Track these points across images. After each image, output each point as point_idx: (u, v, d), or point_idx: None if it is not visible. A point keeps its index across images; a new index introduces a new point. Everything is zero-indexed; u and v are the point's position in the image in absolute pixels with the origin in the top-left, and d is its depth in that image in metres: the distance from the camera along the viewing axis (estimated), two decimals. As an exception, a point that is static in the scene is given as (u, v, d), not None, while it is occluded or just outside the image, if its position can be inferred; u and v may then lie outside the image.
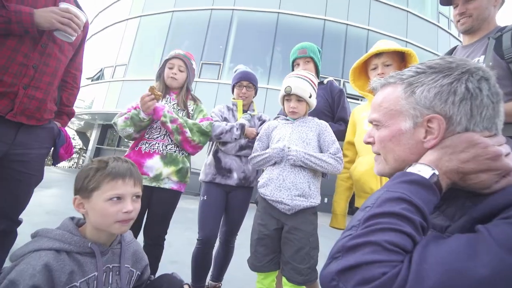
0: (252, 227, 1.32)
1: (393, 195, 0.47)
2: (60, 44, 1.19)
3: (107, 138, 12.96)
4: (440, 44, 10.42)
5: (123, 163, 0.81)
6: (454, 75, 0.52)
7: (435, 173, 0.49)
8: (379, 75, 1.32)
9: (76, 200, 0.78)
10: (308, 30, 9.23)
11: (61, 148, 1.31)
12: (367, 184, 1.25)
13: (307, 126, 1.36)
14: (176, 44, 9.97)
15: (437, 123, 0.53)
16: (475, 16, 1.27)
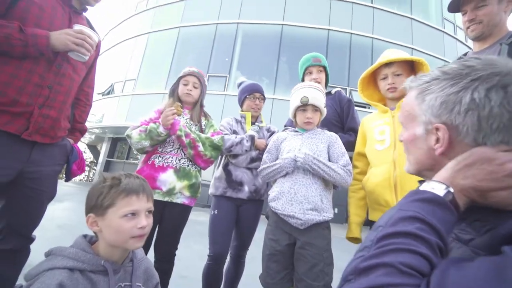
0: (264, 242, 1.29)
1: (406, 214, 0.45)
2: (74, 64, 1.23)
3: (116, 151, 13.18)
4: (447, 49, 10.34)
5: (135, 179, 0.82)
6: (463, 83, 0.50)
7: (449, 190, 0.47)
8: (390, 85, 1.30)
9: (90, 218, 0.78)
10: (313, 40, 9.33)
11: (74, 164, 1.32)
12: (382, 196, 1.21)
13: (317, 137, 1.35)
14: (183, 58, 10.23)
15: (443, 132, 0.52)
16: (485, 23, 1.25)
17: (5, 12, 1.02)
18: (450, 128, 0.51)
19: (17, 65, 1.04)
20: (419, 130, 0.57)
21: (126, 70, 11.35)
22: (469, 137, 0.49)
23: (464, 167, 0.48)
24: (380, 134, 1.32)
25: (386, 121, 1.33)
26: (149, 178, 1.41)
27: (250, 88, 1.82)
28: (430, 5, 10.83)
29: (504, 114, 0.46)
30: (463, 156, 0.50)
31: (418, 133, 0.57)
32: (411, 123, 0.59)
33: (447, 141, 0.51)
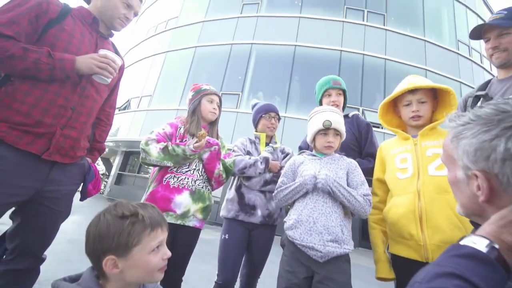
0: (279, 273, 1.22)
1: (444, 270, 0.41)
2: (97, 86, 1.26)
3: (128, 165, 13.42)
4: (462, 70, 10.21)
5: (153, 210, 0.78)
6: (496, 131, 0.47)
7: (494, 246, 0.43)
8: (414, 112, 1.26)
9: (109, 261, 0.70)
10: (325, 61, 9.46)
11: (90, 184, 1.33)
12: (405, 229, 1.13)
13: (336, 163, 1.30)
14: (198, 76, 10.57)
15: (481, 180, 0.48)
16: (510, 51, 1.22)
17: (38, 38, 1.08)
18: (490, 176, 0.48)
19: (44, 88, 1.07)
20: (460, 174, 0.54)
21: (143, 86, 11.81)
22: (511, 188, 0.45)
23: (509, 223, 0.44)
24: (401, 162, 1.27)
25: (408, 148, 1.27)
26: (164, 200, 1.38)
27: (265, 108, 1.82)
28: (444, 28, 10.87)
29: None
30: (507, 210, 0.46)
31: (460, 177, 0.54)
32: (452, 165, 0.56)
33: (488, 189, 0.48)
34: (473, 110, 0.54)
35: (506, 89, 1.24)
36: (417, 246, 1.09)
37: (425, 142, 1.23)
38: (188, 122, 1.56)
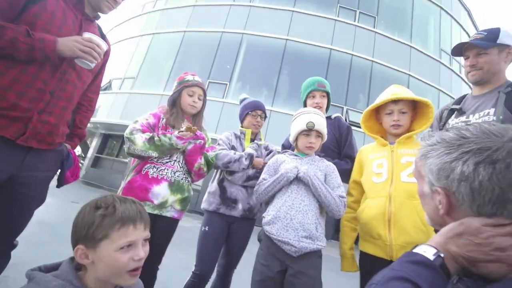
0: (254, 266, 1.27)
1: (397, 274, 0.48)
2: (79, 71, 1.22)
3: (107, 148, 12.94)
4: (442, 79, 10.70)
5: (131, 205, 0.74)
6: (456, 154, 0.53)
7: (440, 255, 0.49)
8: (395, 121, 1.33)
9: (79, 250, 0.70)
10: (315, 58, 9.53)
11: (68, 171, 1.29)
12: (375, 229, 1.22)
13: (316, 164, 1.36)
14: (185, 62, 10.27)
15: (442, 196, 0.54)
16: (485, 70, 1.31)
17: (17, 16, 1.02)
18: (449, 193, 0.54)
19: (21, 69, 1.02)
20: (426, 188, 0.59)
21: (126, 68, 11.30)
22: (465, 205, 0.52)
23: (454, 236, 0.51)
24: (378, 167, 1.35)
25: (385, 154, 1.35)
26: (141, 189, 1.37)
27: (252, 105, 1.83)
28: (429, 35, 11.26)
29: (494, 189, 0.48)
30: (454, 224, 0.52)
31: (426, 191, 0.60)
32: (420, 180, 0.62)
33: (447, 204, 0.54)
34: (439, 133, 0.60)
35: (478, 106, 1.34)
36: (384, 245, 1.18)
37: (401, 149, 1.32)
38: (168, 113, 1.54)
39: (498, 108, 1.23)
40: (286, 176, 1.26)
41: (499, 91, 1.27)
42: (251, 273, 1.28)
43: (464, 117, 1.38)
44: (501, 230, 0.48)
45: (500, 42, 1.29)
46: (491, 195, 0.49)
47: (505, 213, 0.49)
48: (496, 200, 0.49)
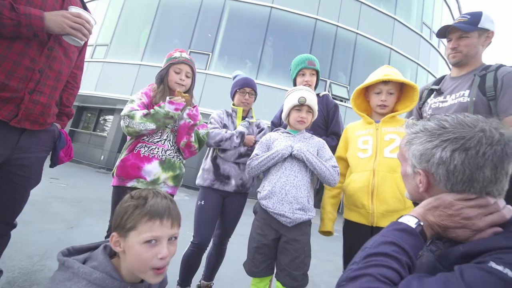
0: (250, 235, 1.39)
1: (386, 240, 0.59)
2: (66, 47, 1.15)
3: (82, 121, 12.26)
4: (421, 53, 10.95)
5: (162, 200, 0.75)
6: (436, 142, 0.63)
7: (420, 223, 0.62)
8: (382, 101, 1.42)
9: (113, 237, 0.73)
10: (300, 28, 9.25)
11: (61, 151, 1.28)
12: (359, 200, 1.36)
13: (307, 141, 1.44)
14: (163, 29, 9.56)
15: (422, 177, 0.65)
16: (464, 53, 1.41)
17: None
18: (429, 174, 0.65)
19: (6, 47, 0.95)
20: (409, 170, 0.70)
21: (97, 33, 10.33)
22: (441, 184, 0.63)
23: (432, 208, 0.63)
24: (363, 143, 1.46)
25: (370, 132, 1.46)
26: (133, 167, 1.40)
27: (241, 82, 1.83)
28: (413, 7, 11.22)
29: (465, 171, 0.59)
30: (432, 199, 0.64)
31: (408, 172, 0.70)
32: (404, 162, 0.72)
33: (426, 183, 0.65)
34: (422, 122, 0.69)
35: (455, 87, 1.46)
36: (366, 213, 1.33)
37: (385, 128, 1.42)
38: (156, 91, 1.53)
39: (472, 90, 1.35)
40: (280, 153, 1.34)
41: (475, 74, 1.38)
42: (244, 241, 1.39)
43: (442, 97, 1.49)
44: (469, 203, 0.59)
45: (481, 26, 1.37)
46: (462, 176, 0.59)
47: (472, 190, 0.60)
48: (466, 180, 0.59)
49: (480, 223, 0.58)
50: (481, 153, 0.57)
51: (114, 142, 9.88)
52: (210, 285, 1.79)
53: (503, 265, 0.48)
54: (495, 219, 0.58)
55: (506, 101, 1.26)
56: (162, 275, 0.74)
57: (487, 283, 0.47)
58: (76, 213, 3.24)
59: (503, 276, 0.46)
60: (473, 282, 0.47)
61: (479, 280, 0.47)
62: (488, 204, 0.59)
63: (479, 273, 0.48)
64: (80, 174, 7.25)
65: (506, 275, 0.46)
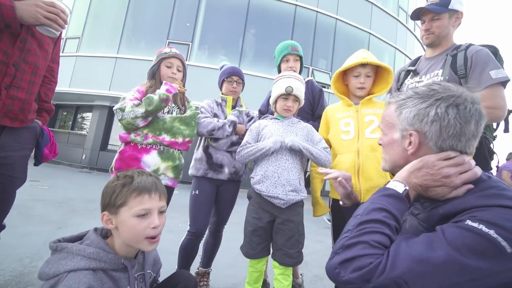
0: (246, 220, 1.43)
1: (377, 206, 0.65)
2: (39, 38, 1.10)
3: (58, 120, 11.66)
4: (398, 37, 11.21)
5: (148, 177, 0.81)
6: (430, 101, 0.68)
7: (406, 188, 0.67)
8: (361, 84, 1.47)
9: (104, 216, 0.78)
10: (280, 15, 9.15)
11: (45, 148, 1.24)
12: None
13: (296, 126, 1.48)
14: (139, 17, 9.14)
15: (414, 137, 0.70)
16: (437, 34, 1.48)
17: None
18: (420, 134, 0.69)
19: None
20: (397, 135, 0.74)
21: (67, 25, 9.70)
22: (432, 141, 0.68)
23: (416, 170, 0.68)
24: (345, 125, 1.51)
25: (351, 114, 1.51)
26: (132, 159, 1.39)
27: (228, 71, 1.83)
28: (389, -9, 11.38)
29: (457, 125, 0.65)
30: (417, 161, 0.69)
31: (395, 138, 0.75)
32: (390, 130, 0.76)
33: (417, 144, 0.70)
34: (411, 88, 0.74)
35: (429, 67, 1.53)
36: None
37: (364, 109, 1.49)
38: (148, 86, 1.54)
39: (445, 70, 1.43)
40: (270, 148, 1.35)
41: (447, 54, 1.46)
42: (239, 229, 1.43)
43: (418, 78, 1.57)
44: (449, 162, 0.65)
45: (451, 7, 1.44)
46: (453, 130, 0.65)
47: (459, 145, 0.66)
48: (455, 134, 0.65)
49: (457, 181, 0.64)
50: (468, 109, 0.64)
51: (95, 140, 9.52)
52: (208, 271, 1.84)
53: (478, 222, 0.54)
54: (469, 176, 0.65)
55: (475, 77, 1.34)
56: (156, 244, 0.80)
57: (464, 237, 0.53)
58: (62, 214, 3.14)
59: (479, 231, 0.53)
60: (453, 239, 0.53)
61: (458, 236, 0.53)
62: (464, 162, 0.65)
63: (458, 231, 0.54)
64: (62, 175, 6.97)
65: (481, 230, 0.53)
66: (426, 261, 0.53)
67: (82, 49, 9.31)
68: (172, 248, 1.75)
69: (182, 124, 1.52)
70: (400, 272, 0.53)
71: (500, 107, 1.30)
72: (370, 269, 0.55)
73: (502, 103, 1.31)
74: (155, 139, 1.43)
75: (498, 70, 1.31)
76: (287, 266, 1.34)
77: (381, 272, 0.54)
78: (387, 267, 0.54)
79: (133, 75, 7.90)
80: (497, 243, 0.51)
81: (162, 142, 1.45)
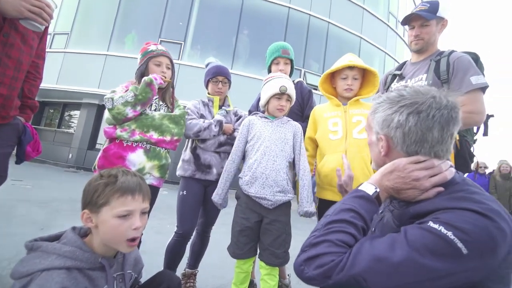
0: (233, 220, 1.44)
1: (346, 207, 0.67)
2: (23, 33, 1.07)
3: (44, 117, 11.33)
4: (388, 42, 11.46)
5: (132, 177, 0.79)
6: (395, 108, 0.70)
7: (376, 190, 0.70)
8: (348, 85, 1.51)
9: (85, 214, 0.76)
10: (273, 16, 9.20)
11: (28, 146, 1.20)
12: (334, 179, 1.44)
13: (285, 127, 1.49)
14: (130, 14, 9.01)
15: (384, 141, 0.73)
16: (426, 40, 1.53)
17: None
18: (389, 139, 0.72)
19: None
20: (373, 138, 0.77)
21: (55, 20, 9.46)
22: (399, 146, 0.71)
23: (388, 173, 0.71)
24: (333, 125, 1.54)
25: (339, 114, 1.54)
26: (116, 157, 1.36)
27: (213, 70, 1.80)
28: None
29: (418, 132, 0.67)
30: (389, 164, 0.72)
31: (373, 140, 0.78)
32: (370, 131, 0.80)
33: (386, 148, 0.73)
34: (386, 93, 0.76)
35: (414, 72, 1.58)
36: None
37: (352, 110, 1.52)
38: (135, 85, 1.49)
39: (429, 74, 1.48)
40: None
41: (431, 59, 1.50)
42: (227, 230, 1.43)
43: (403, 82, 1.62)
44: (418, 165, 0.68)
45: (439, 14, 1.49)
46: (415, 137, 0.67)
47: (423, 151, 0.68)
48: (418, 140, 0.67)
49: (426, 183, 0.66)
50: (431, 115, 0.65)
51: (83, 139, 9.30)
52: (195, 273, 1.82)
53: (439, 224, 0.56)
54: (438, 179, 0.67)
55: (457, 83, 1.39)
56: (134, 246, 0.80)
57: (424, 238, 0.55)
58: (46, 214, 3.05)
59: (438, 232, 0.54)
60: (414, 239, 0.56)
61: (419, 237, 0.56)
62: (434, 166, 0.67)
63: (419, 232, 0.57)
64: (47, 174, 6.77)
65: (440, 231, 0.54)
66: (385, 260, 0.55)
67: (71, 45, 9.09)
68: (159, 250, 1.73)
69: (171, 122, 1.50)
70: (359, 269, 0.55)
71: (479, 111, 1.35)
72: (331, 266, 0.57)
73: (481, 108, 1.36)
74: (143, 136, 1.41)
75: (478, 76, 1.36)
76: (274, 266, 1.35)
77: (341, 269, 0.56)
78: (347, 265, 0.56)
79: (123, 73, 7.75)
80: (454, 244, 0.52)
81: (149, 140, 1.42)
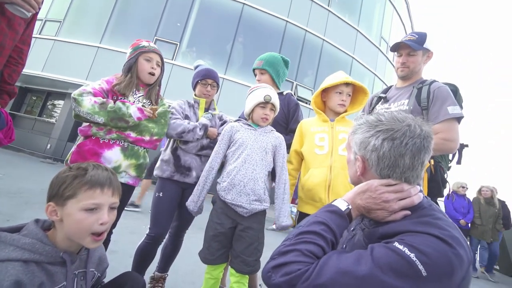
0: (208, 224, 1.43)
1: (318, 220, 0.70)
2: (10, 17, 1.05)
3: (25, 104, 10.85)
4: (378, 65, 11.97)
5: (103, 172, 0.78)
6: (372, 132, 0.74)
7: (348, 207, 0.74)
8: (342, 101, 1.57)
9: (49, 207, 0.74)
10: (271, 28, 9.42)
11: (0, 132, 1.16)
12: (317, 194, 1.46)
13: (268, 136, 1.52)
14: (127, 11, 8.93)
15: (360, 162, 0.77)
16: (411, 68, 1.62)
17: None
18: (364, 160, 0.76)
19: None
20: (352, 156, 0.81)
21: (48, 6, 9.24)
22: (373, 168, 0.75)
23: (361, 192, 0.74)
24: (320, 140, 1.57)
25: (325, 130, 1.58)
26: (91, 153, 1.33)
27: (202, 73, 1.80)
28: (374, 22, 12.20)
29: (391, 157, 0.71)
30: (362, 184, 0.76)
31: (351, 158, 0.82)
32: (349, 150, 0.84)
33: (362, 168, 0.77)
34: (366, 116, 0.80)
35: (397, 96, 1.67)
36: (322, 206, 1.45)
37: (339, 127, 1.56)
38: (121, 80, 1.46)
39: (410, 100, 1.57)
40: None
41: (414, 86, 1.60)
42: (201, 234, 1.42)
43: (387, 104, 1.70)
44: (389, 188, 0.72)
45: (425, 46, 1.59)
46: (388, 162, 0.71)
47: (394, 175, 0.72)
48: (390, 165, 0.71)
49: (395, 206, 0.70)
50: (404, 143, 0.69)
51: (64, 130, 8.96)
52: (164, 277, 1.77)
53: (403, 245, 0.59)
54: (406, 203, 0.71)
55: (435, 111, 1.48)
56: (100, 242, 0.77)
57: (389, 257, 0.58)
58: (14, 206, 2.90)
59: (401, 253, 0.58)
60: (379, 257, 0.59)
61: (383, 256, 0.59)
62: (403, 190, 0.71)
63: (384, 250, 0.60)
64: (21, 163, 6.45)
65: (404, 253, 0.58)
66: (350, 274, 0.57)
67: (62, 33, 8.87)
68: (131, 250, 1.68)
69: (150, 121, 1.46)
70: (324, 280, 0.57)
71: (453, 139, 1.44)
72: (297, 275, 0.59)
73: (455, 137, 1.44)
74: (120, 134, 1.38)
75: (454, 107, 1.46)
76: (244, 274, 1.34)
77: (306, 278, 0.58)
78: (313, 275, 0.58)
79: (114, 67, 7.62)
80: (415, 266, 0.56)
81: (126, 138, 1.40)
